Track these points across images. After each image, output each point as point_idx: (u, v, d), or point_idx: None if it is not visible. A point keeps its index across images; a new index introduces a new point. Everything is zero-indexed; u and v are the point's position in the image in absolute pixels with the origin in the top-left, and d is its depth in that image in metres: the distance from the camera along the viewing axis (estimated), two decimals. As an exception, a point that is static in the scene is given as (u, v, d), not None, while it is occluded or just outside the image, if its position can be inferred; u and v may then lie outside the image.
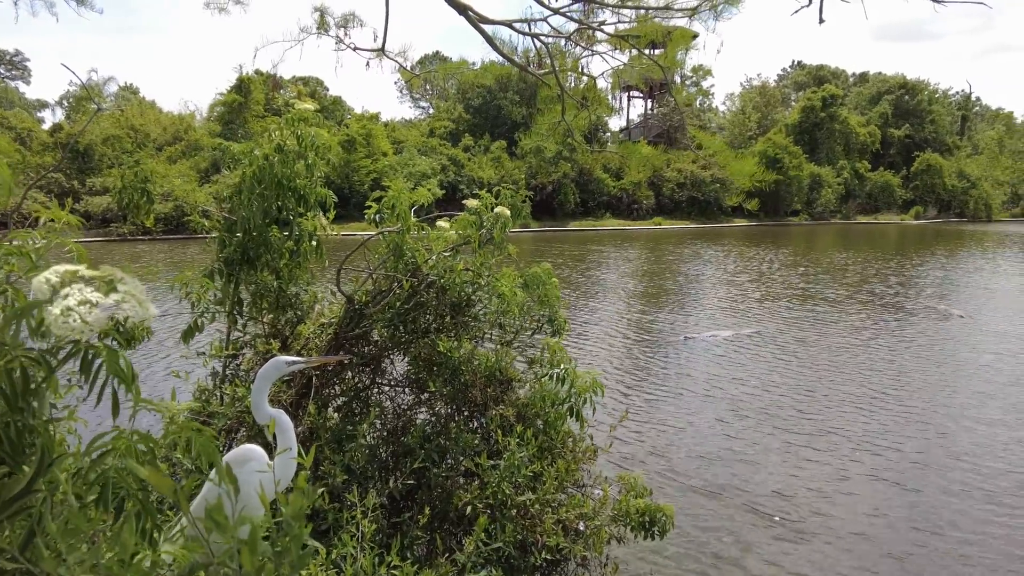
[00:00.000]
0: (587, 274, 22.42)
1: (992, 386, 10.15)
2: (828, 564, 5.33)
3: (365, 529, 3.09)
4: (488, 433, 3.84)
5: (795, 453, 7.50)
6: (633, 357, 11.80)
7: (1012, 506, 6.27)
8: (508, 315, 3.85)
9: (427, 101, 61.66)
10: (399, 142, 42.00)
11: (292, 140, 3.96)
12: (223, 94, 40.88)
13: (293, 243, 3.85)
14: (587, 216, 43.85)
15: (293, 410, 3.88)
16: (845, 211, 53.61)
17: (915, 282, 21.21)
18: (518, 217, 4.25)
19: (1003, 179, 62.18)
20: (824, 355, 11.96)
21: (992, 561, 5.39)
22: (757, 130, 58.24)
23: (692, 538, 5.65)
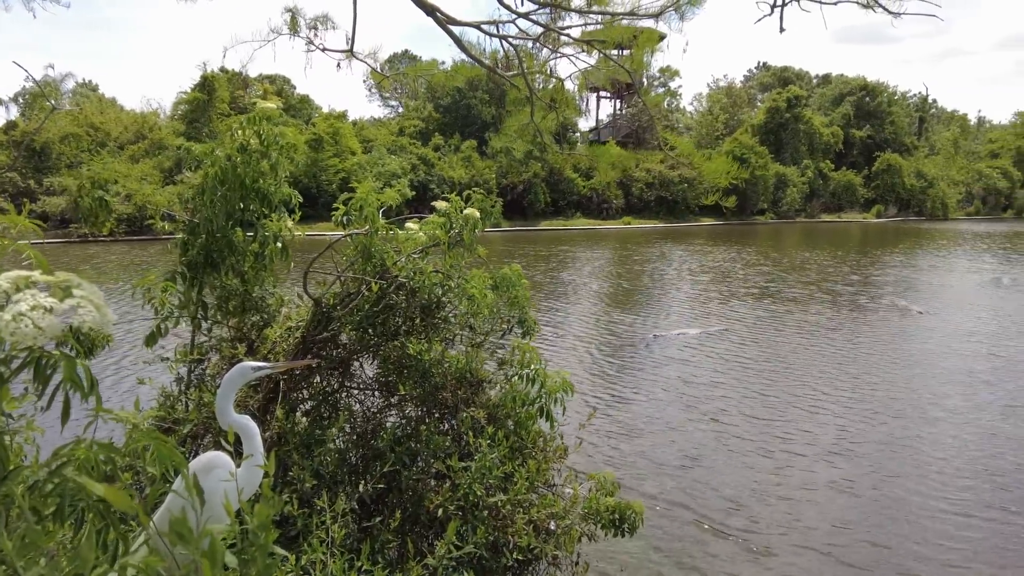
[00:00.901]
0: (557, 274, 22.52)
1: (950, 381, 10.48)
2: (794, 547, 5.45)
3: (335, 534, 3.06)
4: (459, 435, 3.84)
5: (761, 445, 7.64)
6: (604, 355, 11.89)
7: (968, 513, 6.46)
8: (478, 317, 3.84)
9: (396, 100, 61.24)
10: (368, 141, 41.63)
11: (255, 140, 3.90)
12: (187, 92, 40.04)
13: (258, 245, 3.79)
14: (558, 216, 44.03)
15: (261, 415, 3.82)
16: (810, 210, 54.71)
17: (876, 279, 21.77)
18: (488, 219, 4.25)
19: (958, 179, 64.10)
20: (789, 351, 12.21)
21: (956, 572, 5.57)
22: (724, 130, 59.10)
23: (663, 533, 5.72)
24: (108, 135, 37.90)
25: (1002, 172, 66.19)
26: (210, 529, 1.21)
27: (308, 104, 50.07)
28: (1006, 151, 69.96)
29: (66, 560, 1.34)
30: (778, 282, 20.85)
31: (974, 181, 65.11)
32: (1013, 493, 6.58)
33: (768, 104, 57.37)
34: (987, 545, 5.59)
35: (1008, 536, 5.79)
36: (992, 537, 5.77)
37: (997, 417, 8.73)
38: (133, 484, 3.10)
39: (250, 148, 3.83)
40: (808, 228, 47.87)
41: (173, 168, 33.51)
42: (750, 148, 49.82)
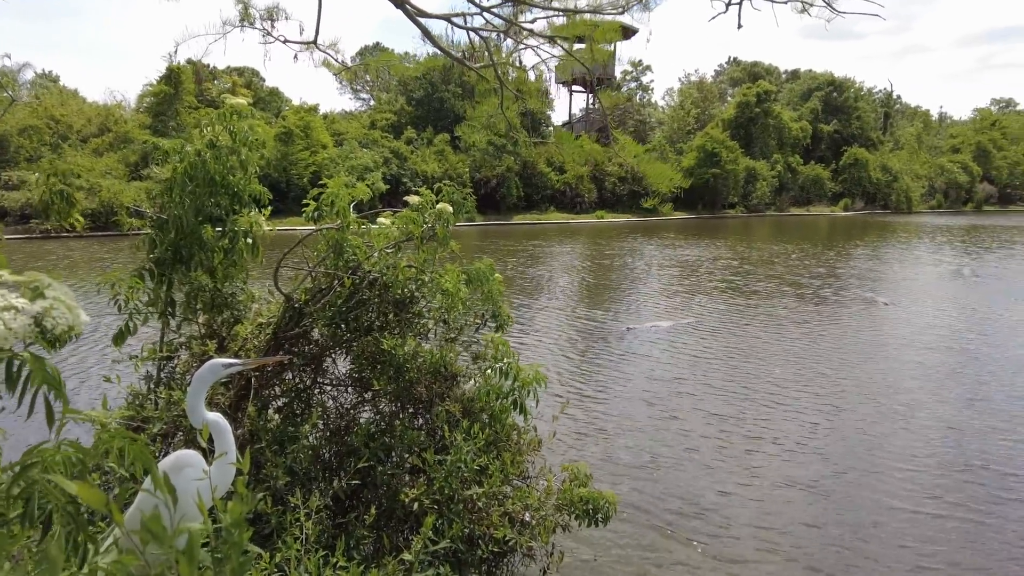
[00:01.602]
0: (531, 268, 22.58)
1: (916, 374, 10.77)
2: (765, 532, 5.57)
3: (309, 531, 3.06)
4: (434, 429, 3.85)
5: (731, 434, 7.78)
6: (578, 349, 11.97)
7: (937, 513, 6.67)
8: (452, 311, 3.85)
9: (368, 93, 60.63)
10: (339, 134, 41.16)
11: (225, 136, 3.85)
12: (152, 85, 39.14)
13: (228, 241, 3.75)
14: (531, 210, 44.07)
15: (232, 412, 3.79)
16: (779, 203, 55.57)
17: (844, 272, 22.23)
18: (460, 213, 4.25)
19: (922, 173, 65.65)
20: (759, 342, 12.43)
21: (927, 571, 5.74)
22: (696, 125, 59.67)
23: (637, 522, 5.80)
24: (70, 128, 36.88)
25: (962, 167, 68.00)
26: (186, 527, 1.21)
27: (278, 97, 49.33)
28: (966, 146, 71.90)
29: (32, 564, 1.33)
30: (748, 275, 21.18)
31: (936, 175, 66.78)
32: (979, 488, 6.80)
33: (738, 99, 58.06)
34: (955, 543, 5.76)
35: (974, 533, 5.99)
36: (959, 535, 5.97)
37: (962, 409, 9.00)
38: (101, 485, 3.05)
39: (220, 144, 3.78)
40: (777, 221, 48.65)
41: (139, 162, 32.75)
42: (721, 142, 50.40)
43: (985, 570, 5.24)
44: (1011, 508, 6.22)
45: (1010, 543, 5.62)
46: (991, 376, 10.39)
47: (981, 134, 73.57)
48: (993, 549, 5.53)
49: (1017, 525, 5.92)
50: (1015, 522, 5.97)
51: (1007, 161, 72.57)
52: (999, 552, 5.49)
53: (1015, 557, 5.42)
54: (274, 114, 42.98)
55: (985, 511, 6.16)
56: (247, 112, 3.92)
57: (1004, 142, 74.06)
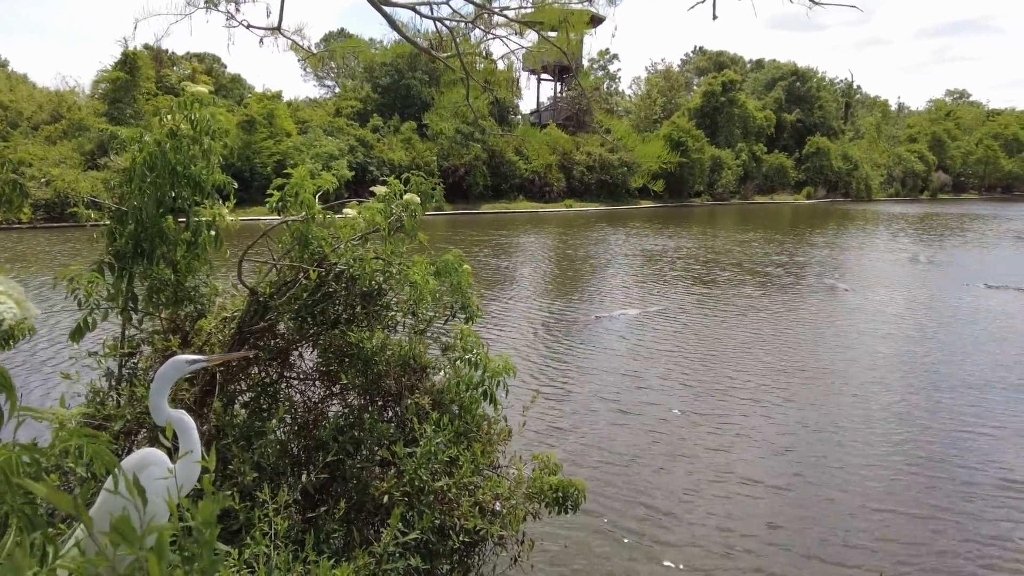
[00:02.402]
0: (500, 258, 22.58)
1: (876, 357, 11.10)
2: (732, 523, 5.71)
3: (278, 526, 3.03)
4: (404, 421, 3.84)
5: (698, 422, 7.93)
6: (548, 338, 12.04)
7: (895, 505, 6.89)
8: (421, 303, 3.83)
9: (333, 80, 59.62)
10: (303, 122, 40.42)
11: (186, 124, 3.75)
12: (107, 70, 37.84)
13: (190, 234, 3.67)
14: (500, 199, 43.98)
15: (197, 408, 3.72)
16: (744, 192, 56.45)
17: (807, 259, 22.73)
18: (429, 202, 4.23)
19: (881, 162, 67.33)
20: (725, 328, 12.66)
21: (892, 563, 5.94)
22: (662, 114, 60.12)
23: (606, 509, 5.89)
24: (20, 114, 35.50)
25: (919, 156, 69.94)
26: (156, 526, 1.19)
27: (240, 84, 48.17)
28: (923, 136, 73.97)
29: (-8, 567, 1.30)
30: (714, 263, 21.51)
31: (895, 164, 68.56)
32: (937, 474, 7.06)
33: (704, 88, 58.68)
34: (920, 536, 5.97)
35: (938, 522, 6.22)
36: (923, 529, 6.19)
37: (919, 392, 9.33)
38: (61, 485, 2.98)
39: (180, 133, 3.69)
40: (742, 210, 49.43)
41: (95, 151, 31.72)
42: (687, 131, 50.91)
43: (948, 549, 5.46)
44: (980, 505, 6.48)
45: (978, 539, 5.86)
46: (946, 359, 10.77)
47: (936, 124, 75.75)
48: (957, 538, 5.76)
49: (982, 519, 6.17)
50: (981, 519, 6.22)
51: (960, 151, 74.90)
52: (963, 543, 5.71)
53: (983, 555, 5.65)
54: (236, 101, 41.98)
55: (949, 502, 6.41)
56: (208, 100, 3.83)
57: (958, 132, 76.40)
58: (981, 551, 5.37)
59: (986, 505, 6.10)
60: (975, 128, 78.63)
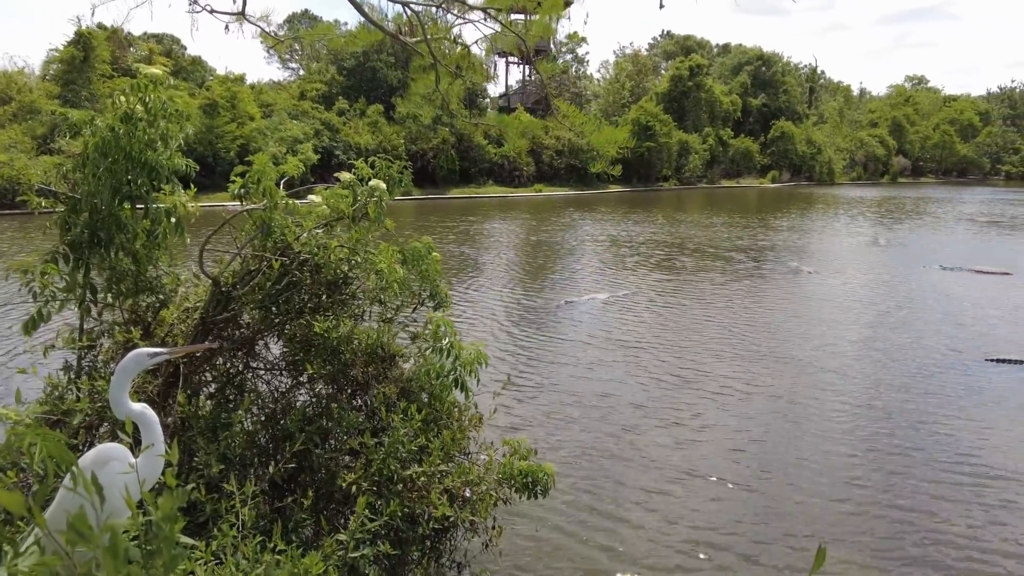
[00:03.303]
0: (470, 244, 22.51)
1: (839, 337, 11.39)
2: (703, 507, 5.84)
3: (245, 517, 3.01)
4: (373, 411, 3.83)
5: (666, 404, 8.06)
6: (518, 323, 12.08)
7: (862, 476, 7.10)
8: (388, 291, 3.80)
9: (297, 62, 58.40)
10: (267, 105, 39.58)
11: (141, 108, 3.63)
12: (58, 50, 36.42)
13: (149, 222, 3.57)
14: (469, 183, 43.75)
15: (161, 400, 3.66)
16: (711, 176, 57.08)
17: (771, 242, 23.14)
18: (397, 188, 4.18)
19: (843, 146, 68.65)
20: (691, 310, 12.85)
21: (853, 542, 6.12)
22: (630, 98, 60.31)
23: (577, 492, 5.96)
24: (-34, 97, 34.06)
25: (880, 140, 71.47)
26: (111, 524, 1.17)
27: (201, 67, 46.89)
28: (883, 121, 75.57)
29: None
30: (681, 247, 21.77)
31: (857, 148, 69.96)
32: (900, 460, 7.30)
33: (672, 72, 58.98)
34: (884, 513, 6.17)
35: (901, 511, 6.43)
36: (889, 507, 6.40)
37: (881, 376, 9.61)
38: (19, 482, 2.91)
39: (135, 117, 3.57)
40: (709, 194, 50.01)
41: (48, 135, 30.59)
42: (655, 116, 51.17)
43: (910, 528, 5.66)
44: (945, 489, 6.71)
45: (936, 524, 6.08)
46: (906, 342, 11.10)
47: (896, 109, 77.42)
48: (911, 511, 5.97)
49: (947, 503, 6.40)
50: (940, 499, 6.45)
51: (919, 135, 76.77)
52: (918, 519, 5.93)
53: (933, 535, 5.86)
54: (198, 84, 40.86)
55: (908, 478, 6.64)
56: (164, 82, 3.70)
57: (916, 117, 78.23)
58: (945, 540, 5.58)
59: (949, 491, 6.30)
60: (932, 113, 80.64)
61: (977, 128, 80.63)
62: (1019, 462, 6.71)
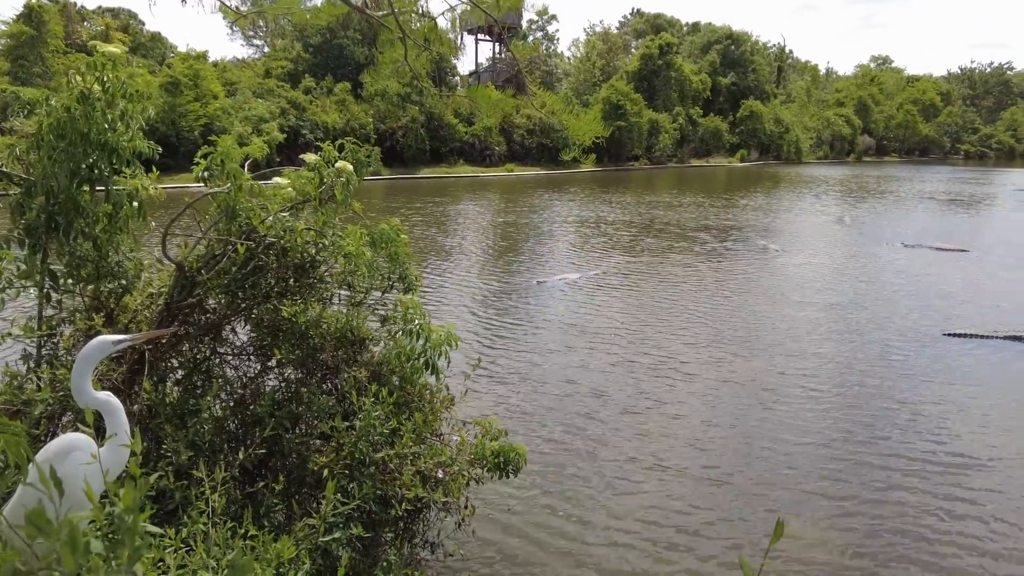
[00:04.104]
0: (441, 225, 22.39)
1: (805, 313, 11.63)
2: (677, 481, 5.96)
3: (216, 504, 2.99)
4: (343, 395, 3.81)
5: (636, 381, 8.18)
6: (490, 304, 12.09)
7: (829, 445, 7.31)
8: (356, 275, 3.76)
9: (261, 39, 56.91)
10: (231, 84, 38.60)
11: (98, 87, 3.51)
12: (7, 23, 34.95)
13: (110, 206, 3.47)
14: (439, 162, 43.38)
15: (126, 388, 3.59)
16: (680, 155, 57.44)
17: (740, 221, 23.44)
18: (364, 169, 4.12)
19: (810, 125, 69.57)
20: (661, 289, 13.00)
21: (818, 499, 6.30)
22: (601, 76, 60.15)
23: (547, 472, 6.04)
24: (-91, 73, 32.57)
25: (846, 120, 72.56)
26: (71, 518, 1.16)
27: (161, 43, 45.47)
28: (849, 100, 76.69)
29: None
30: (651, 226, 21.94)
31: (823, 128, 70.96)
32: (863, 426, 7.51)
33: (642, 51, 58.90)
34: (845, 475, 6.37)
35: (863, 463, 6.63)
36: (851, 469, 6.59)
37: (844, 347, 9.86)
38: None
39: (93, 97, 3.45)
40: (679, 173, 50.35)
41: None
42: (626, 95, 51.16)
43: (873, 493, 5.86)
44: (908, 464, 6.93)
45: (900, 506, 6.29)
46: (869, 318, 11.40)
47: (862, 89, 78.61)
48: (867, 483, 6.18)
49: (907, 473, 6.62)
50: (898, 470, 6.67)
51: (883, 115, 78.14)
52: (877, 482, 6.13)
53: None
54: (158, 62, 39.65)
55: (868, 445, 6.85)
56: (123, 60, 3.58)
57: (881, 97, 79.57)
58: (903, 511, 5.80)
59: (908, 465, 6.53)
60: (896, 93, 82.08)
61: (938, 108, 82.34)
62: (973, 432, 6.98)
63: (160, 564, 2.42)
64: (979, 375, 8.65)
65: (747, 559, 1.24)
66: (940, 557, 4.94)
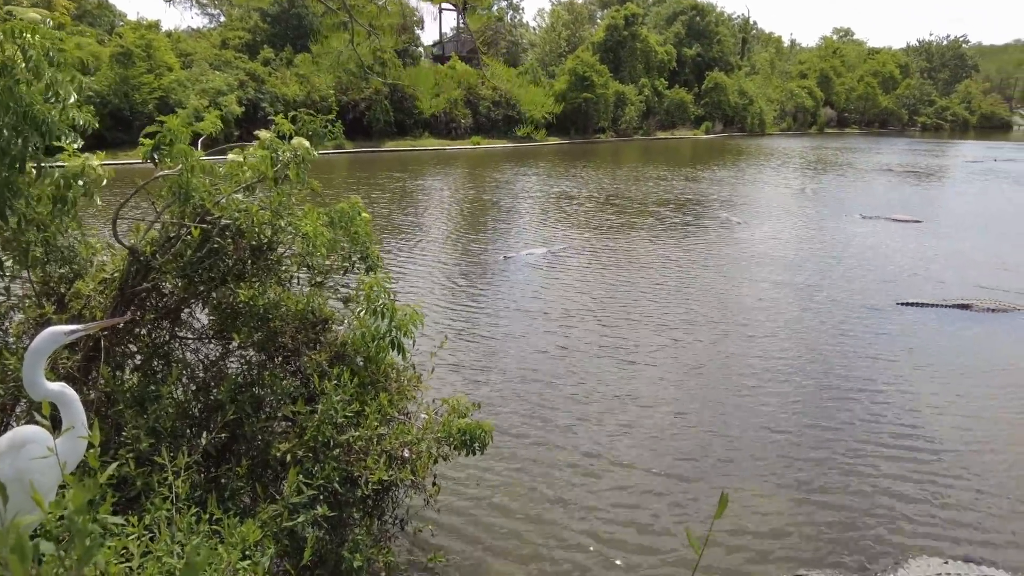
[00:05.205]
0: (406, 200, 22.15)
1: (767, 283, 11.88)
2: (638, 455, 6.10)
3: (179, 489, 2.97)
4: (307, 377, 3.79)
5: (600, 355, 8.30)
6: (458, 280, 12.07)
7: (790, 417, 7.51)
8: (315, 255, 3.71)
9: (217, 8, 54.86)
10: (187, 55, 37.21)
11: (20, 56, 3.29)
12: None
13: (53, 187, 3.33)
14: (404, 135, 42.70)
15: (82, 376, 3.52)
16: (646, 128, 57.48)
17: (704, 194, 23.68)
18: (321, 142, 4.03)
19: (774, 97, 70.12)
20: (626, 261, 13.13)
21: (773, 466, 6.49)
22: (567, 47, 59.63)
23: (514, 448, 6.12)
24: None
25: (808, 92, 73.30)
26: (18, 522, 1.14)
27: (109, 11, 43.50)
28: (812, 72, 77.37)
29: None
30: (617, 199, 22.04)
31: (787, 100, 71.59)
32: (823, 387, 7.74)
33: (607, 22, 58.42)
34: (800, 446, 6.57)
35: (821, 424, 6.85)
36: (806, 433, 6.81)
37: (802, 317, 10.12)
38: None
39: (15, 68, 3.24)
40: (645, 145, 50.48)
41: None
42: (591, 66, 50.82)
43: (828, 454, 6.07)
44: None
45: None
46: (829, 286, 11.70)
47: (824, 61, 79.34)
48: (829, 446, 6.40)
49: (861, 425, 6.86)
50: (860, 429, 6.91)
51: (845, 87, 79.11)
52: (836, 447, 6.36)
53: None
54: (106, 31, 37.98)
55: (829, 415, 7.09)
56: (44, 28, 3.34)
57: (843, 69, 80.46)
58: (855, 471, 6.03)
59: (870, 440, 6.78)
60: (858, 65, 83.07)
61: (897, 80, 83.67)
62: (923, 398, 7.27)
63: (124, 552, 2.40)
64: (929, 343, 8.98)
65: (692, 532, 1.28)
66: (891, 524, 5.16)
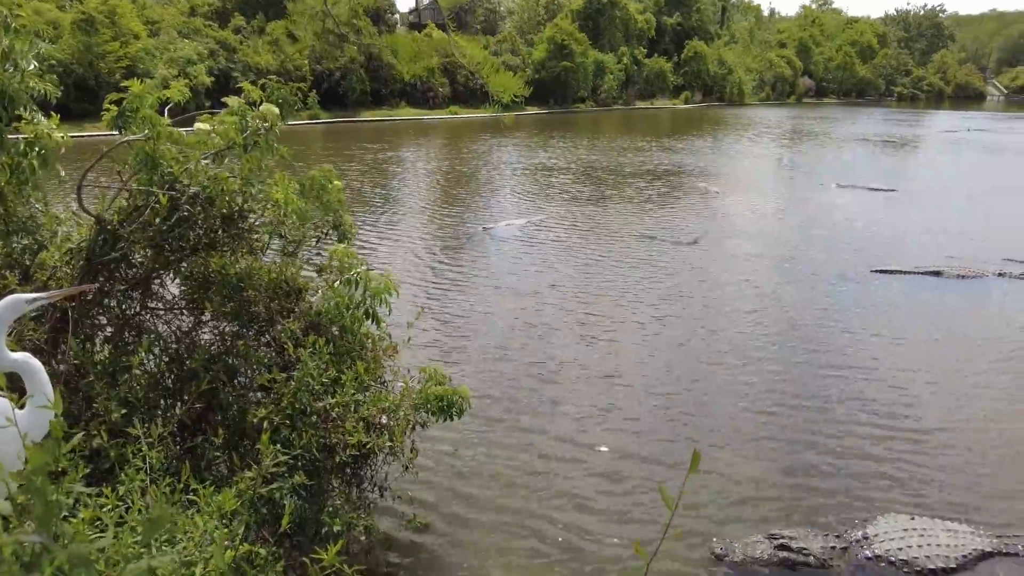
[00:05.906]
0: (382, 172, 21.89)
1: (743, 252, 11.99)
2: (611, 418, 6.18)
3: (153, 460, 2.95)
4: (281, 346, 3.76)
5: (579, 325, 8.35)
6: (437, 251, 12.02)
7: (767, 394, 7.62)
8: (286, 224, 3.65)
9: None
10: (153, 23, 36.08)
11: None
12: None
13: (10, 157, 3.23)
14: (381, 105, 42.03)
15: (50, 348, 3.46)
16: (626, 97, 57.16)
17: (682, 163, 23.71)
18: (290, 111, 3.95)
19: (753, 67, 69.98)
20: (605, 231, 13.16)
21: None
22: (545, 15, 58.78)
23: (490, 413, 6.17)
24: None
25: (787, 61, 73.23)
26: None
27: (70, -26, 41.83)
28: (791, 42, 77.26)
29: None
30: (595, 169, 21.98)
31: (766, 69, 71.48)
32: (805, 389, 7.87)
33: (586, -12, 57.62)
34: (774, 411, 6.69)
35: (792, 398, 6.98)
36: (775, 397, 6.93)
37: (779, 285, 10.25)
38: None
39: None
40: (625, 115, 50.26)
41: None
42: (570, 35, 50.22)
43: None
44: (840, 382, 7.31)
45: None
46: (802, 253, 11.85)
47: (803, 31, 79.23)
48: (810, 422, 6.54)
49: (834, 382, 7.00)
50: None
51: (823, 56, 79.16)
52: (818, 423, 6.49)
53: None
54: (67, -4, 36.59)
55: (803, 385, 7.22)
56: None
57: (821, 38, 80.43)
58: (830, 432, 6.18)
59: (842, 403, 6.93)
60: (836, 35, 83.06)
61: (875, 50, 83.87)
62: (895, 360, 7.45)
63: (97, 523, 2.39)
64: (901, 308, 9.16)
65: (666, 488, 1.31)
66: (862, 486, 5.29)
